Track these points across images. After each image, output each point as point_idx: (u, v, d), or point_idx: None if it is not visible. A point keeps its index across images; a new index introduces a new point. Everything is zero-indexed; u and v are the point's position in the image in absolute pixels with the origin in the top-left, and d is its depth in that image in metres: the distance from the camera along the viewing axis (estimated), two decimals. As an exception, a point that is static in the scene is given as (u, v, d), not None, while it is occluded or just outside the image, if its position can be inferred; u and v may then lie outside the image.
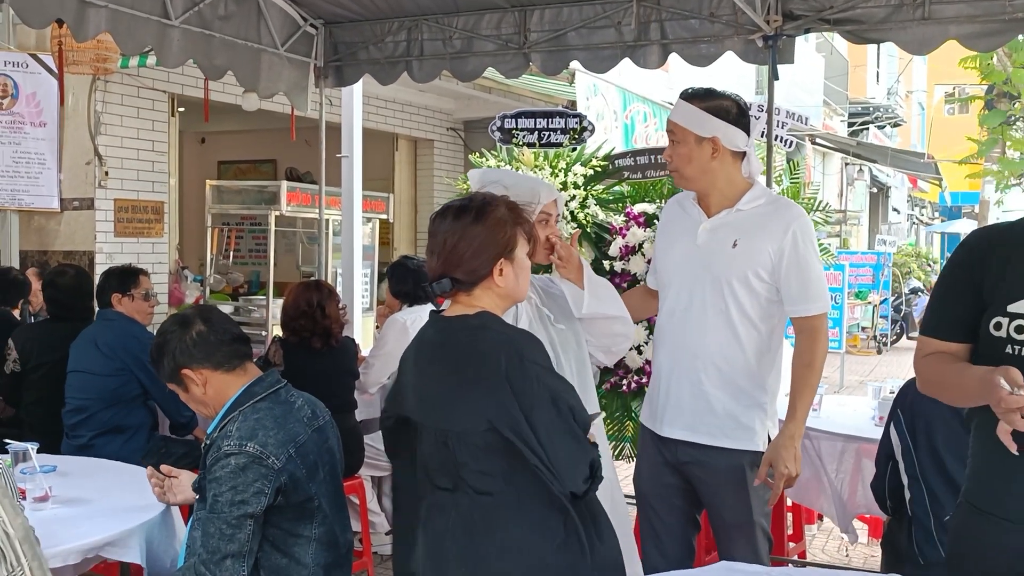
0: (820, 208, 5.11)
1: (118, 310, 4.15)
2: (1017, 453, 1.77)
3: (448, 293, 2.06)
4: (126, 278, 4.23)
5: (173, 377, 2.48)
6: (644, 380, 4.91)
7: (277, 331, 4.81)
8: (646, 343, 4.96)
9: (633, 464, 3.37)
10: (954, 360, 1.98)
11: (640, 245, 4.99)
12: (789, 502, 4.51)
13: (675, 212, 3.00)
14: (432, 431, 2.02)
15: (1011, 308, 1.88)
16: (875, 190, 26.80)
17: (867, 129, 24.42)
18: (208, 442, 2.43)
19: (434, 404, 2.02)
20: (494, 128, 5.55)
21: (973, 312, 1.95)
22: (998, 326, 1.90)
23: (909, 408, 3.09)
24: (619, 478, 2.99)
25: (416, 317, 4.76)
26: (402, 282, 4.88)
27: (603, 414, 3.31)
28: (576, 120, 5.42)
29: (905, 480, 3.12)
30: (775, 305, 2.81)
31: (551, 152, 5.40)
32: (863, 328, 15.37)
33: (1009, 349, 1.87)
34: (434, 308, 2.19)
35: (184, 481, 2.72)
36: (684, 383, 2.83)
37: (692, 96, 2.83)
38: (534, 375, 1.94)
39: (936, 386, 2.03)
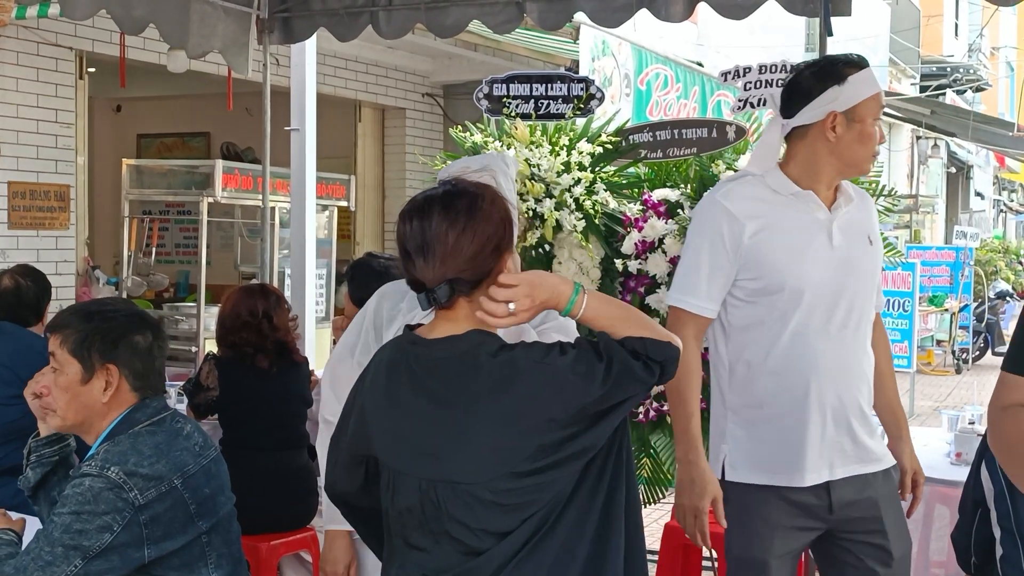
0: (885, 193, 5.14)
1: (44, 321, 4.16)
2: None
3: (447, 303, 2.08)
4: (49, 283, 4.27)
5: (87, 359, 2.49)
6: (665, 408, 4.92)
7: (211, 346, 4.82)
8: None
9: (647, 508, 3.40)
10: None
11: (660, 240, 5.00)
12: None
13: (763, 208, 2.94)
14: (414, 480, 2.06)
15: None
16: (953, 170, 26.92)
17: (944, 94, 24.52)
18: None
19: (422, 449, 2.06)
20: (480, 95, 5.55)
21: None
22: None
23: None
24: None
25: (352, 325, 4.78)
26: (365, 286, 4.88)
27: None
28: (581, 86, 5.42)
29: (997, 533, 3.14)
30: None
31: (551, 125, 5.42)
32: (938, 342, 15.43)
33: None
34: (408, 325, 2.21)
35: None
36: (854, 412, 2.96)
37: None
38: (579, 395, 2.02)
39: (1018, 454, 1.81)
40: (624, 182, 5.28)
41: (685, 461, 2.93)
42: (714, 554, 4.69)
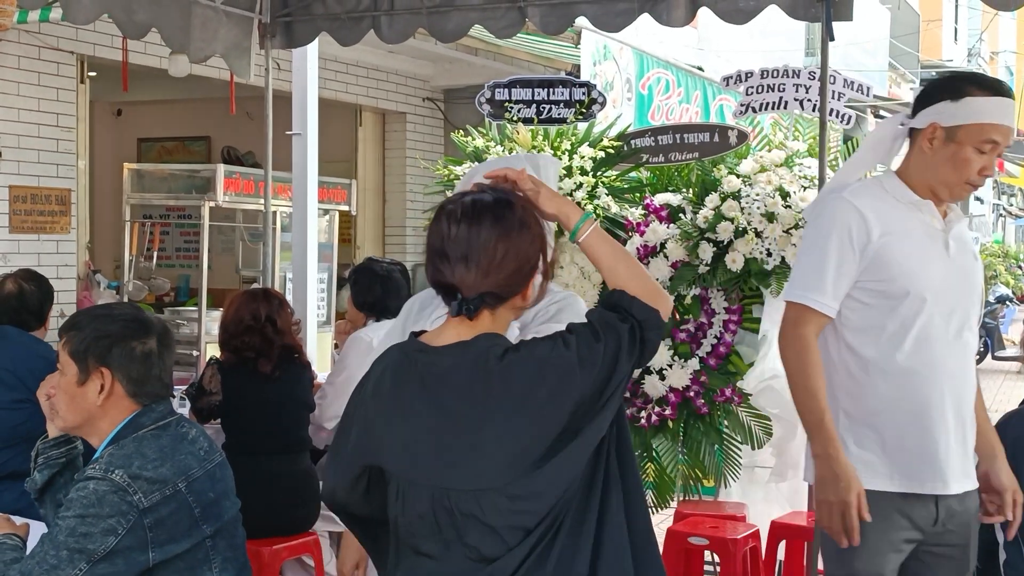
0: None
1: (47, 327, 4.17)
2: None
3: (475, 313, 2.09)
4: (51, 288, 4.27)
5: (83, 362, 2.50)
6: (668, 412, 4.93)
7: (212, 350, 4.82)
8: (669, 366, 4.99)
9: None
10: None
11: (662, 245, 5.01)
12: (820, 565, 4.51)
13: (887, 210, 2.87)
14: (426, 488, 2.05)
15: None
16: (953, 175, 26.88)
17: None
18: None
19: (435, 458, 2.05)
20: (482, 100, 5.57)
21: None
22: None
23: (1011, 449, 3.11)
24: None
25: (384, 334, 4.78)
26: (368, 290, 4.90)
27: None
28: (583, 90, 5.44)
29: (1000, 538, 3.15)
30: None
31: (552, 130, 5.43)
32: (938, 346, 15.38)
33: None
34: (413, 332, 2.20)
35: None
36: (969, 422, 2.91)
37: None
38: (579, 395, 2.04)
39: None
40: (626, 186, 5.29)
41: (824, 456, 2.77)
42: (716, 558, 4.70)
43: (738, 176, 5.07)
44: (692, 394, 5.02)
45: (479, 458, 2.02)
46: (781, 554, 4.76)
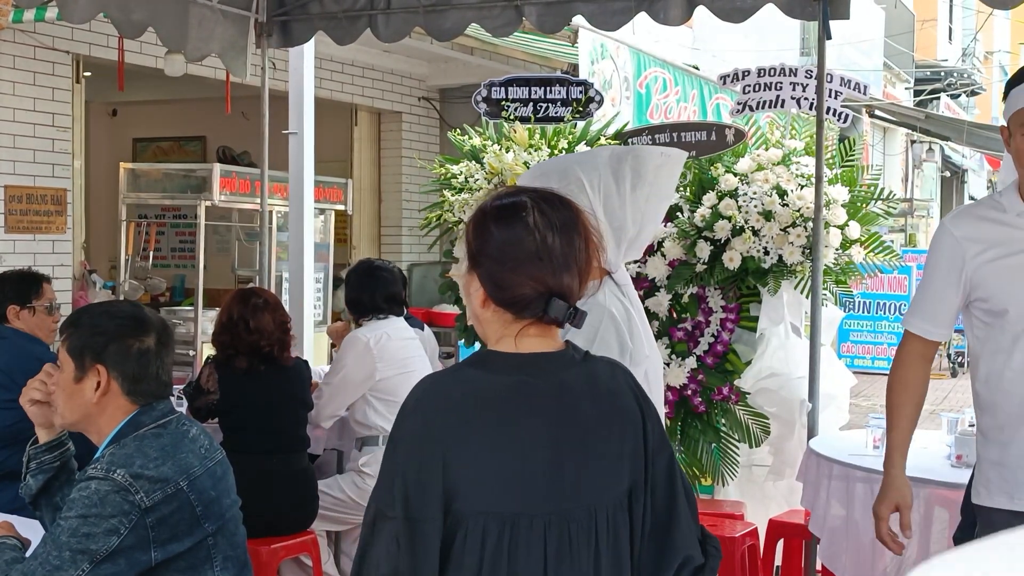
0: (882, 197, 5.15)
1: (14, 326, 4.14)
2: None
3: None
4: (26, 286, 4.22)
5: (80, 359, 2.51)
6: (666, 410, 4.91)
7: (209, 350, 4.81)
8: (667, 364, 4.98)
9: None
10: None
11: (660, 243, 5.01)
12: (818, 564, 4.51)
13: (990, 229, 2.86)
14: (539, 518, 1.89)
15: None
16: (948, 174, 26.96)
17: (938, 99, 24.55)
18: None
19: (550, 479, 1.92)
20: (479, 98, 5.56)
21: None
22: None
23: None
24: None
25: (381, 334, 4.77)
26: (363, 290, 4.89)
27: None
28: (580, 89, 5.44)
29: (1003, 536, 3.13)
30: None
31: (549, 128, 5.42)
32: (934, 345, 15.42)
33: None
34: (491, 351, 2.02)
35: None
36: None
37: None
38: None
39: None
40: (623, 185, 5.28)
41: (883, 469, 3.02)
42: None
43: (735, 175, 5.07)
44: (689, 392, 5.02)
45: (597, 470, 1.95)
46: (780, 557, 4.76)
